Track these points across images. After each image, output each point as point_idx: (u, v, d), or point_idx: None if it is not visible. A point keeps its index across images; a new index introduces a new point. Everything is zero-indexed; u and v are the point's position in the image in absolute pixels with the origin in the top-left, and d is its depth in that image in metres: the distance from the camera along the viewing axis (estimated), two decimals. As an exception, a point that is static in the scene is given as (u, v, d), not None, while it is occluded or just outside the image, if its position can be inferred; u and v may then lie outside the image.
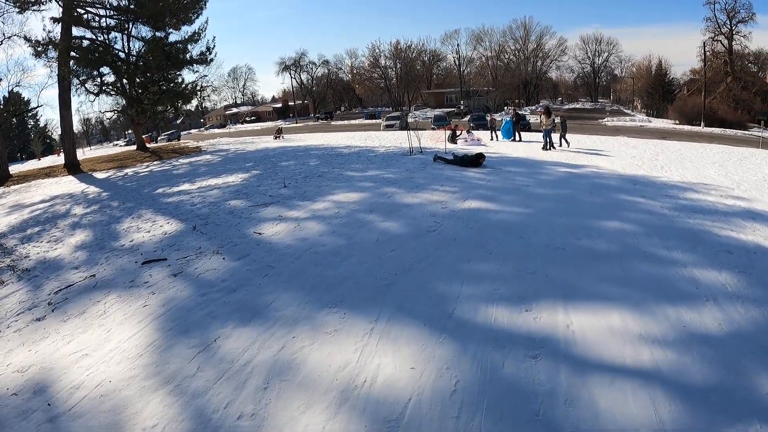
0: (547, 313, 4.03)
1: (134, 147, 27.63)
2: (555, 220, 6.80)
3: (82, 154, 35.48)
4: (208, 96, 61.22)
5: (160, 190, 11.75)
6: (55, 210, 10.74)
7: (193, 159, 19.06)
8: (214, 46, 23.82)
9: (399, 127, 33.50)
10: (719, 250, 5.57)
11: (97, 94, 22.64)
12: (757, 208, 7.62)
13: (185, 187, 11.78)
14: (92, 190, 13.32)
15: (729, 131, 37.59)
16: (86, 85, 22.33)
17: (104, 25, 21.81)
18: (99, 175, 16.79)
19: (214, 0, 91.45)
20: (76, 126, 61.42)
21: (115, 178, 15.66)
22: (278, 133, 30.54)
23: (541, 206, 7.64)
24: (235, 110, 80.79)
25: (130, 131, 51.51)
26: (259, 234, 6.94)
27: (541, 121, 16.45)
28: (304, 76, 78.44)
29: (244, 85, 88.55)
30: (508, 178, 10.27)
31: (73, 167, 19.31)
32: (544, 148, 15.93)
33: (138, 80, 23.13)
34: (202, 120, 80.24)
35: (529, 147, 16.99)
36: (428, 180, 10.17)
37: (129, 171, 17.15)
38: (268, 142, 25.29)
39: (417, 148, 15.38)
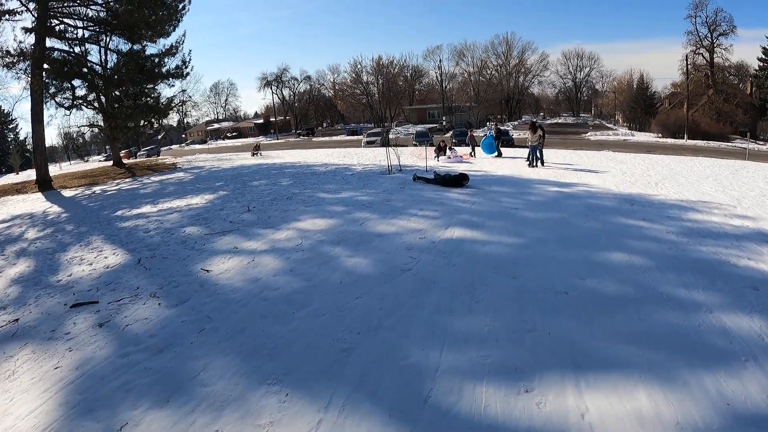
0: (554, 393, 3.06)
1: (111, 162, 26.61)
2: (552, 252, 5.90)
3: (59, 169, 34.48)
4: (189, 111, 60.37)
5: (119, 213, 10.85)
6: (10, 233, 9.87)
7: (165, 176, 18.26)
8: (191, 59, 23.34)
9: (380, 143, 32.77)
10: (743, 285, 4.78)
11: (68, 108, 21.80)
12: (766, 229, 6.98)
13: (146, 209, 10.90)
14: (54, 210, 12.46)
15: (713, 143, 37.74)
16: (56, 99, 21.40)
17: (79, 36, 20.94)
18: (67, 193, 16.06)
19: (196, 14, 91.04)
20: (56, 140, 59.87)
21: (81, 196, 14.82)
22: (256, 149, 29.58)
23: (533, 234, 6.74)
24: (216, 126, 79.63)
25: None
26: (207, 271, 5.92)
27: (527, 137, 15.79)
28: (286, 92, 77.81)
29: (226, 101, 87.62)
30: (495, 200, 9.38)
31: (44, 183, 18.47)
32: (531, 164, 15.23)
33: (113, 94, 22.23)
34: (183, 135, 78.97)
35: (513, 163, 16.26)
36: (406, 203, 9.25)
37: (98, 189, 16.40)
38: (246, 159, 24.44)
39: (396, 167, 14.51)
